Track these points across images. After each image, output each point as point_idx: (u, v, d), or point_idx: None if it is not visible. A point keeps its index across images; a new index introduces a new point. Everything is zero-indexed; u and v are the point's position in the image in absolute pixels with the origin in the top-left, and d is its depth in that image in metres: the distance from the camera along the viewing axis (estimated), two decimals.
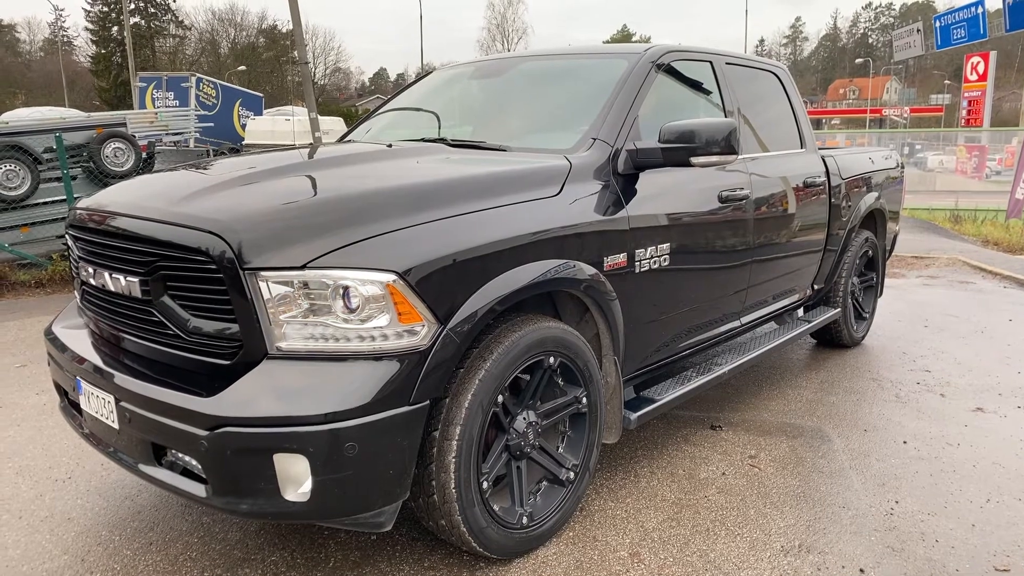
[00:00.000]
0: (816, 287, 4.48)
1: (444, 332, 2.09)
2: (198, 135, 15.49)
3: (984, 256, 8.86)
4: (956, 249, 9.29)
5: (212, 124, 18.78)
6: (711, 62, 3.61)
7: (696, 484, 3.04)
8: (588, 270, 2.55)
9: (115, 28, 54.31)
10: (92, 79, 56.42)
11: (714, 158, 2.79)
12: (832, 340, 4.94)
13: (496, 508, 2.37)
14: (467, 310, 2.14)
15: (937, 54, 27.16)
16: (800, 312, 4.56)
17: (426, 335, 2.06)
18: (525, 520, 2.45)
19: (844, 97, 76.88)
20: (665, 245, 2.92)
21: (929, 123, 54.89)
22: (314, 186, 2.43)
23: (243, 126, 22.11)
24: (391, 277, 2.00)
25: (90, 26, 56.91)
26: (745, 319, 3.72)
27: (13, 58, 61.15)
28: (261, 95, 26.01)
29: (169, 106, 20.02)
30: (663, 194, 2.97)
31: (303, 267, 1.97)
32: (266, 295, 1.98)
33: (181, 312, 2.14)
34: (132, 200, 2.40)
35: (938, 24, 21.67)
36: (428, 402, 2.10)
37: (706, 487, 3.01)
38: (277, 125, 20.99)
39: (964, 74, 23.40)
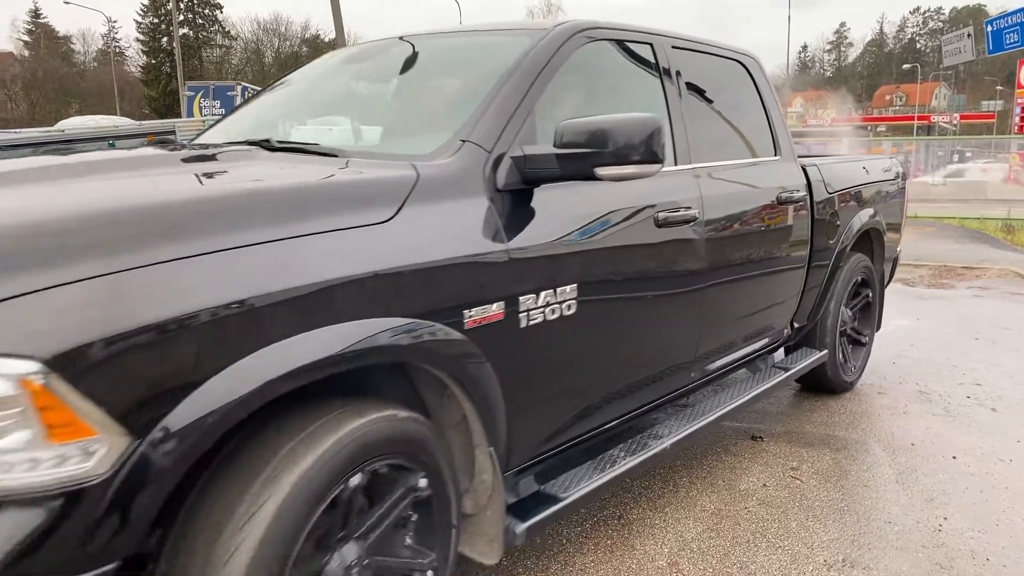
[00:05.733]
0: (796, 325, 3.70)
1: (140, 448, 1.31)
2: None
3: None
4: (1008, 260, 9.01)
5: None
6: (651, 44, 2.80)
7: (736, 495, 3.00)
8: (431, 330, 1.76)
9: (164, 39, 56.21)
10: (142, 88, 58.36)
11: (629, 168, 2.00)
12: (817, 385, 4.11)
13: None
14: (188, 412, 1.35)
15: (989, 59, 26.43)
16: (781, 354, 3.80)
17: (105, 457, 1.28)
18: None
19: (891, 104, 75.35)
20: (570, 287, 2.13)
21: (980, 130, 53.38)
22: None
23: None
24: (30, 367, 1.21)
25: (141, 37, 59.08)
26: (697, 372, 2.94)
27: (68, 68, 63.22)
28: None
29: (216, 114, 20.57)
30: (568, 218, 2.17)
31: None
32: None
33: None
34: None
35: (990, 28, 21.11)
36: (114, 564, 1.34)
37: (746, 498, 2.97)
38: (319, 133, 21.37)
39: (1017, 79, 22.74)
